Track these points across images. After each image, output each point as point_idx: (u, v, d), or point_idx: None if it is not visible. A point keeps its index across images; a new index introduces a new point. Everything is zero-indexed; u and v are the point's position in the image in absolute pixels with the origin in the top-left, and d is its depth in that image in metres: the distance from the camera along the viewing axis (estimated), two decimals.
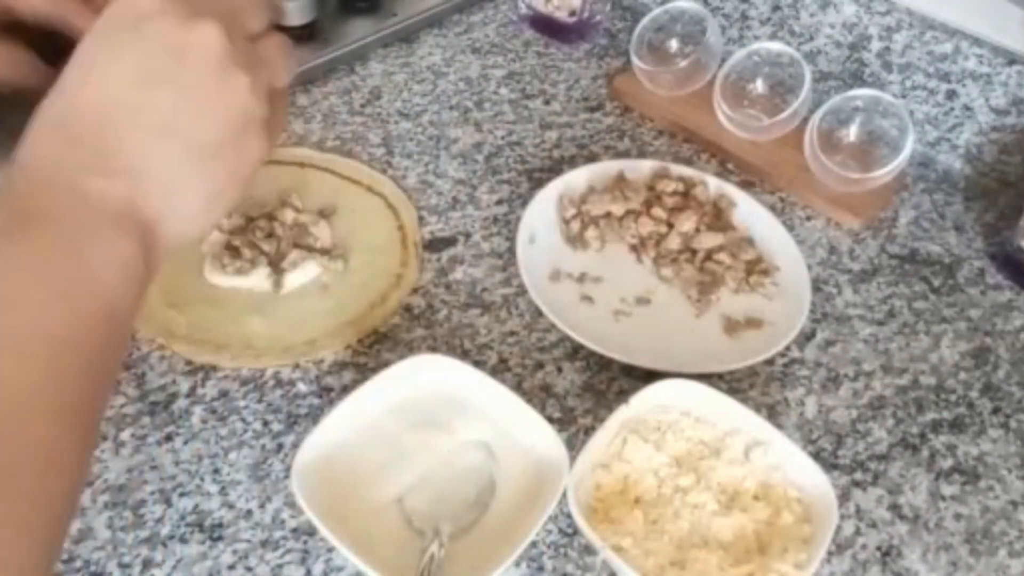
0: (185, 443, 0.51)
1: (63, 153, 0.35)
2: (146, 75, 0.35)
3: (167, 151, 0.36)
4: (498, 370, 0.56)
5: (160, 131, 0.35)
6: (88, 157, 0.34)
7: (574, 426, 0.54)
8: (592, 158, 0.72)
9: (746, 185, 0.70)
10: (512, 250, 0.62)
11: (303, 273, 0.59)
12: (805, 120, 0.70)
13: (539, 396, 0.55)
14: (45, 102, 0.36)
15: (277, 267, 0.59)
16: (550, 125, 0.76)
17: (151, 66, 0.35)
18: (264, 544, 0.47)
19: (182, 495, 0.49)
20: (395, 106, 0.76)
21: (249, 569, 0.46)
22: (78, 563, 0.45)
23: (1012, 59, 0.68)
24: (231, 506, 0.48)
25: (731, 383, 0.57)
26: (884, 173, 0.67)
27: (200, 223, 0.39)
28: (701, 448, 0.50)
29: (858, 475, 0.53)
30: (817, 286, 0.63)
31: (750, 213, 0.66)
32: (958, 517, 0.51)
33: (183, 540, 0.47)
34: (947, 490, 0.53)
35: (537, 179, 0.70)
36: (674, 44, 0.79)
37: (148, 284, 0.37)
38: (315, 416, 0.52)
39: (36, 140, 0.35)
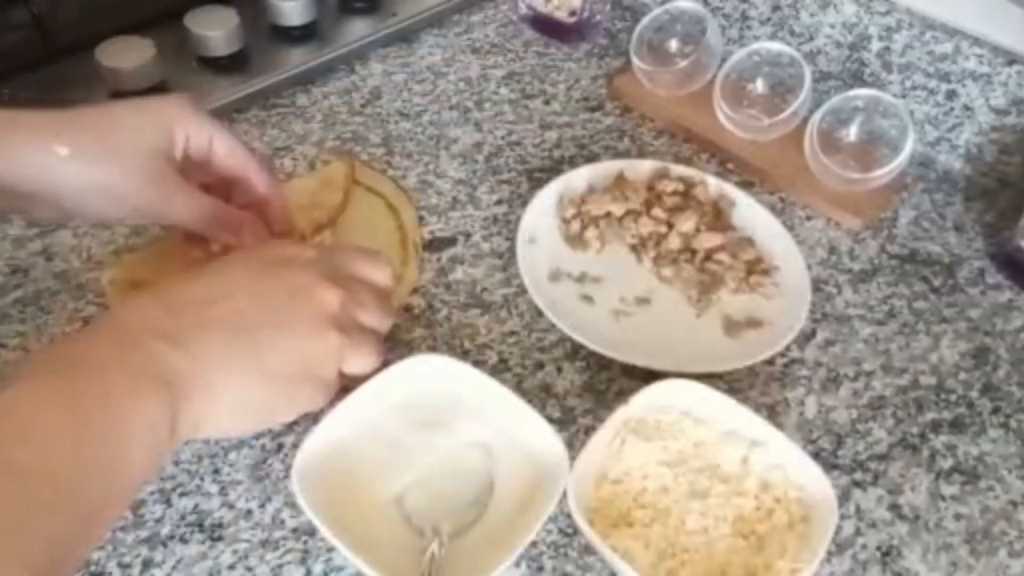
0: (185, 443, 0.51)
1: (153, 314, 0.38)
2: (260, 296, 0.40)
3: (234, 353, 0.40)
4: (498, 370, 0.56)
5: (238, 335, 0.39)
6: (169, 325, 0.38)
7: (574, 426, 0.54)
8: (592, 158, 0.72)
9: (746, 185, 0.70)
10: (512, 250, 0.62)
11: None
12: (805, 120, 0.70)
13: (539, 396, 0.55)
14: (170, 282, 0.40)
15: None
16: (550, 125, 0.76)
17: (269, 293, 0.41)
18: (264, 544, 0.47)
19: (182, 495, 0.49)
20: (395, 106, 0.76)
21: (249, 569, 0.46)
22: None
23: (1012, 59, 0.68)
24: (231, 506, 0.49)
25: (731, 383, 0.57)
26: (884, 173, 0.67)
27: (224, 423, 0.42)
28: (701, 448, 0.50)
29: (858, 475, 0.53)
30: (817, 286, 0.63)
31: (750, 213, 0.66)
32: (958, 517, 0.51)
33: (183, 540, 0.47)
34: (947, 490, 0.53)
35: (537, 179, 0.70)
36: (674, 44, 0.79)
37: (162, 458, 0.38)
38: (315, 416, 0.52)
39: (141, 298, 0.39)
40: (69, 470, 0.33)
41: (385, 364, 0.50)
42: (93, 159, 0.46)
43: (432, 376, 0.51)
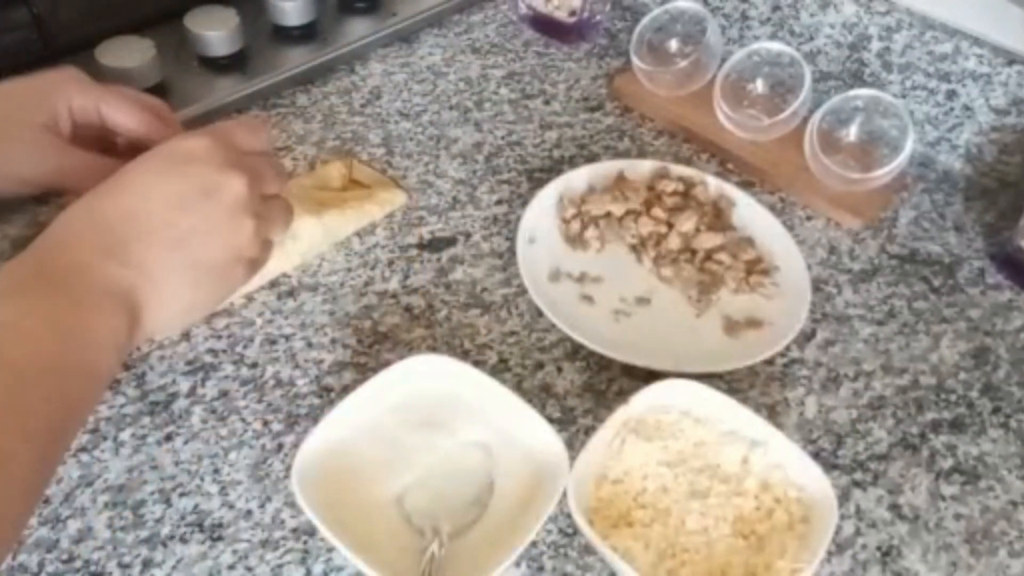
0: (185, 443, 0.51)
1: (91, 235, 0.42)
2: (179, 200, 0.44)
3: (174, 261, 0.44)
4: (498, 370, 0.56)
5: (174, 244, 0.44)
6: (110, 244, 0.42)
7: (574, 426, 0.54)
8: (592, 158, 0.72)
9: (746, 185, 0.70)
10: (512, 250, 0.62)
11: None
12: (805, 120, 0.70)
13: (539, 396, 0.55)
14: (86, 196, 0.44)
15: None
16: (550, 125, 0.76)
17: (185, 195, 0.44)
18: (264, 544, 0.47)
19: (182, 495, 0.49)
20: (395, 106, 0.76)
21: (249, 569, 0.46)
22: (78, 563, 0.45)
23: (1012, 59, 0.68)
24: (231, 506, 0.48)
25: (731, 383, 0.57)
26: (884, 173, 0.67)
27: (176, 323, 0.48)
28: (701, 448, 0.50)
29: (858, 475, 0.53)
30: (817, 286, 0.63)
31: (750, 213, 0.66)
32: (958, 517, 0.51)
33: (183, 540, 0.47)
34: (947, 490, 0.53)
35: (537, 179, 0.70)
36: (674, 44, 0.79)
37: (124, 358, 0.44)
38: (315, 416, 0.52)
39: (70, 220, 0.43)
40: (56, 367, 0.39)
41: (385, 364, 0.50)
42: None
43: (432, 376, 0.51)
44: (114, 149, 0.54)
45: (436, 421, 0.50)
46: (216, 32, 0.73)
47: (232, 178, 0.45)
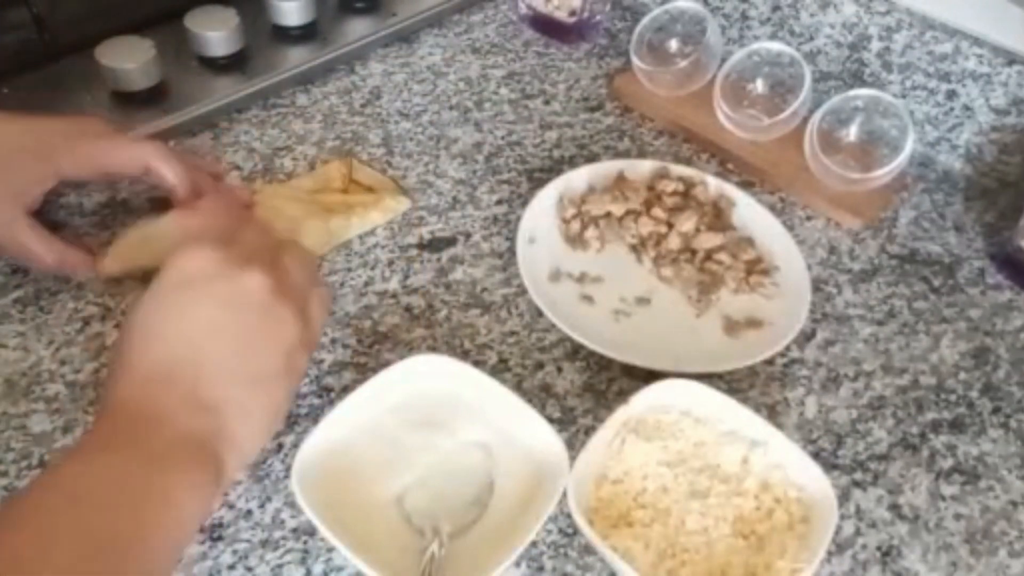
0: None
1: (158, 393, 0.41)
2: (210, 326, 0.42)
3: (239, 386, 0.43)
4: (498, 370, 0.56)
5: (231, 371, 0.42)
6: (179, 398, 0.41)
7: (574, 426, 0.54)
8: (592, 158, 0.72)
9: (746, 185, 0.70)
10: (512, 250, 0.62)
11: None
12: (805, 120, 0.70)
13: (539, 396, 0.55)
14: (125, 349, 0.42)
15: None
16: (550, 125, 0.76)
17: (212, 318, 0.42)
18: (264, 544, 0.47)
19: None
20: (395, 106, 0.76)
21: (249, 569, 0.46)
22: None
23: (1012, 59, 0.68)
24: (231, 506, 0.48)
25: (731, 383, 0.57)
26: (884, 173, 0.67)
27: (263, 440, 0.46)
28: (701, 448, 0.50)
29: (858, 475, 0.53)
30: (817, 286, 0.63)
31: (750, 213, 0.66)
32: (958, 517, 0.51)
33: None
34: (947, 490, 0.53)
35: (537, 179, 0.70)
36: (674, 44, 0.79)
37: (216, 500, 0.44)
38: (315, 416, 0.52)
39: (131, 381, 0.41)
40: (135, 536, 0.37)
41: (385, 364, 0.50)
42: None
43: (432, 376, 0.51)
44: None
45: (436, 421, 0.50)
46: (216, 32, 0.73)
47: (247, 277, 0.43)
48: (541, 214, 0.65)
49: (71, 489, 0.37)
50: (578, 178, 0.67)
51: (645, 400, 0.50)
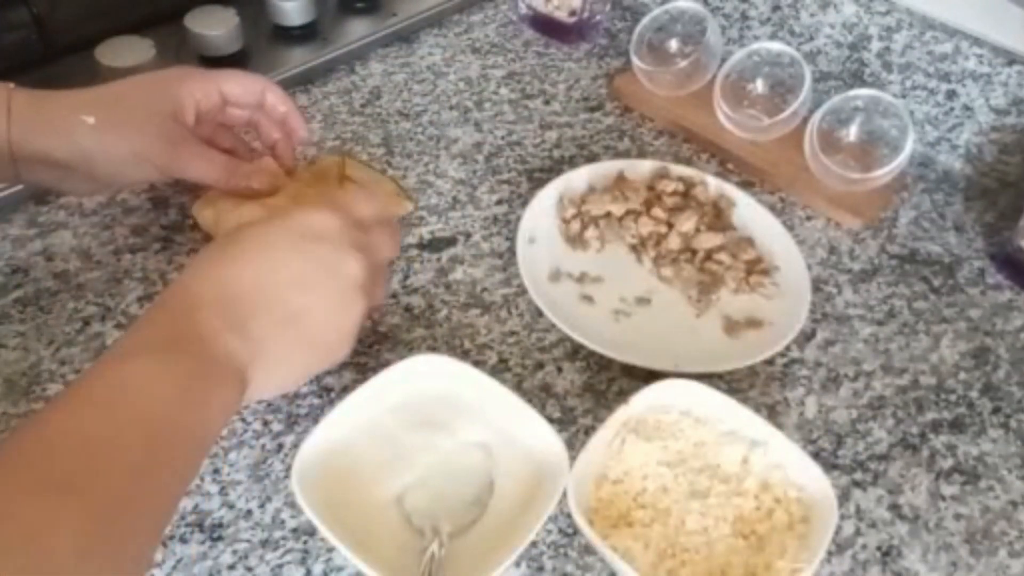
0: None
1: (217, 306, 0.43)
2: (300, 279, 0.45)
3: (287, 338, 0.45)
4: (498, 370, 0.56)
5: (289, 321, 0.45)
6: (233, 318, 0.43)
7: (574, 426, 0.54)
8: (592, 158, 0.72)
9: (746, 185, 0.70)
10: (512, 250, 0.62)
11: None
12: (805, 120, 0.70)
13: (539, 396, 0.55)
14: (210, 259, 0.45)
15: None
16: (550, 125, 0.76)
17: (306, 275, 0.46)
18: (264, 544, 0.47)
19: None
20: (395, 106, 0.76)
21: (249, 569, 0.46)
22: None
23: (1012, 59, 0.68)
24: (231, 506, 0.48)
25: (731, 383, 0.57)
26: (884, 173, 0.67)
27: (274, 392, 0.48)
28: (701, 448, 0.50)
29: (858, 475, 0.53)
30: (817, 286, 0.63)
31: (750, 213, 0.66)
32: (958, 517, 0.51)
33: (183, 540, 0.47)
34: (947, 490, 0.53)
35: (537, 179, 0.70)
36: (674, 44, 0.79)
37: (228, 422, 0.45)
38: (315, 416, 0.52)
39: (197, 284, 0.44)
40: (177, 433, 0.39)
41: (385, 364, 0.50)
42: (115, 126, 0.53)
43: (432, 376, 0.51)
44: (223, 151, 0.59)
45: (436, 421, 0.50)
46: (216, 32, 0.73)
47: (352, 261, 0.47)
48: (541, 214, 0.65)
49: (128, 378, 0.39)
50: (578, 178, 0.67)
51: (645, 400, 0.50)
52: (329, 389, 0.54)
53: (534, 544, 0.48)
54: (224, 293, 0.44)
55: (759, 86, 0.75)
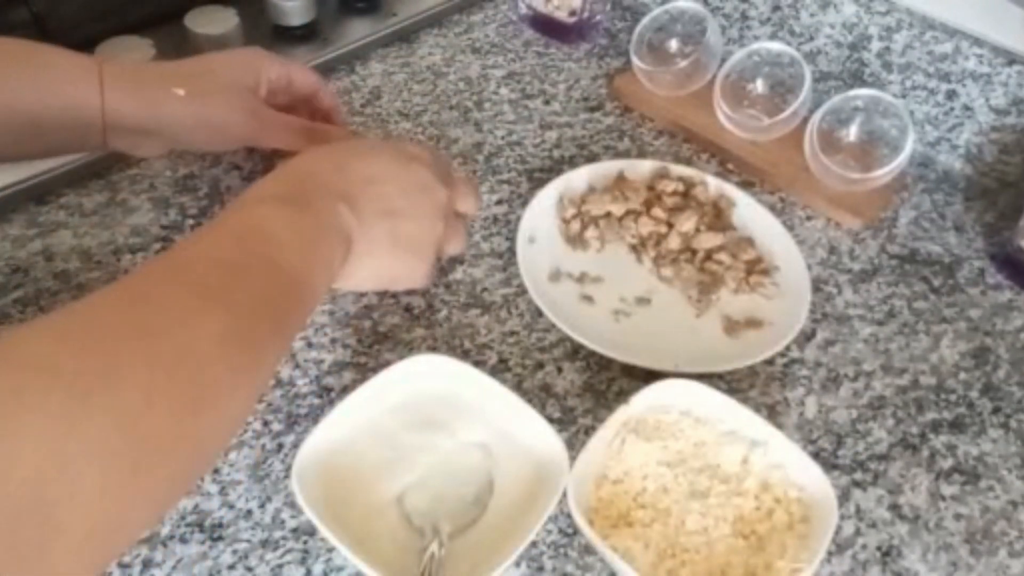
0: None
1: (336, 179, 0.48)
2: (402, 184, 0.51)
3: (385, 226, 0.49)
4: (498, 370, 0.56)
5: (389, 213, 0.50)
6: (348, 192, 0.48)
7: (574, 426, 0.54)
8: (592, 158, 0.72)
9: (746, 185, 0.70)
10: (512, 250, 0.62)
11: None
12: (805, 120, 0.70)
13: (539, 396, 0.55)
14: (327, 151, 0.51)
15: None
16: (550, 125, 0.76)
17: (408, 182, 0.51)
18: (264, 544, 0.47)
19: None
20: (395, 106, 0.76)
21: (249, 569, 0.46)
22: None
23: (1012, 59, 0.68)
24: (231, 506, 0.48)
25: (731, 383, 0.57)
26: (884, 173, 0.67)
27: (359, 281, 0.51)
28: (701, 448, 0.50)
29: (858, 475, 0.53)
30: (817, 286, 0.63)
31: (750, 213, 0.66)
32: (958, 517, 0.51)
33: (183, 540, 0.47)
34: (947, 490, 0.53)
35: (537, 179, 0.70)
36: (674, 44, 0.79)
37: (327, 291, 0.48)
38: (315, 416, 0.52)
39: (317, 161, 0.49)
40: (299, 281, 0.43)
41: (385, 364, 0.50)
42: (204, 98, 0.57)
43: (432, 376, 0.51)
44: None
45: (436, 421, 0.50)
46: (216, 32, 0.73)
47: (441, 188, 0.52)
48: (541, 214, 0.65)
49: (258, 219, 0.44)
50: (578, 178, 0.67)
51: (645, 400, 0.50)
52: (329, 389, 0.54)
53: (534, 544, 0.48)
54: (338, 173, 0.49)
55: (759, 86, 0.75)
